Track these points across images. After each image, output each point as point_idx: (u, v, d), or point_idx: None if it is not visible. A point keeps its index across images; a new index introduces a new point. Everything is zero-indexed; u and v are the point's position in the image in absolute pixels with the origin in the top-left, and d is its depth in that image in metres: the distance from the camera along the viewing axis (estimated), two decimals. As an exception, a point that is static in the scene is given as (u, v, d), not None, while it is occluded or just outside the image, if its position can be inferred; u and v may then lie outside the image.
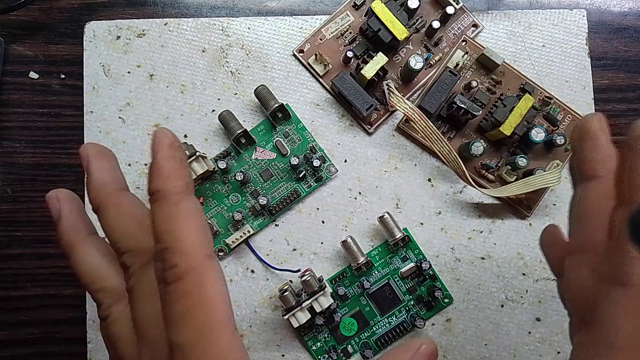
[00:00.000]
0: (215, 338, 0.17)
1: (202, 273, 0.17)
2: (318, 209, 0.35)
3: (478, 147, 0.33)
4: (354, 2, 0.36)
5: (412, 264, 0.34)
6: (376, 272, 0.34)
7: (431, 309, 0.34)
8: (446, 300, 0.34)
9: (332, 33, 0.36)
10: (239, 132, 0.33)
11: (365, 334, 0.34)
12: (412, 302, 0.34)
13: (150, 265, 0.19)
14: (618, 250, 0.19)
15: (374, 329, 0.34)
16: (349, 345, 0.34)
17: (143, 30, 0.36)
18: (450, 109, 0.34)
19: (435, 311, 0.34)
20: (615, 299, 0.19)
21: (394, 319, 0.34)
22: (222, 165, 0.34)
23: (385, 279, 0.34)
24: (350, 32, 0.36)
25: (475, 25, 0.36)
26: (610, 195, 0.20)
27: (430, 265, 0.34)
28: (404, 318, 0.34)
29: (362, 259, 0.33)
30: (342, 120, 0.36)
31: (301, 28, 0.36)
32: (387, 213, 0.33)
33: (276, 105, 0.34)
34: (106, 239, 0.22)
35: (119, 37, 0.36)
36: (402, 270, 0.34)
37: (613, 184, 0.20)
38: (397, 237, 0.33)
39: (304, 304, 0.31)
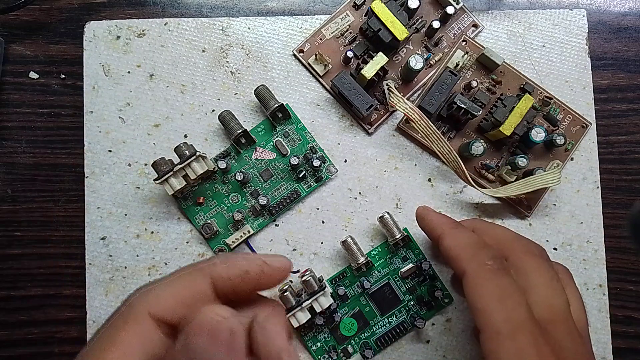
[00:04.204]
0: None
1: None
2: (318, 209, 0.35)
3: (478, 147, 0.33)
4: (354, 2, 0.36)
5: (412, 264, 0.34)
6: (376, 272, 0.34)
7: (431, 309, 0.34)
8: (446, 300, 0.34)
9: (332, 33, 0.36)
10: (239, 132, 0.33)
11: (365, 334, 0.34)
12: (412, 302, 0.34)
13: None
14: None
15: (374, 329, 0.34)
16: (349, 345, 0.34)
17: (143, 30, 0.36)
18: (450, 109, 0.34)
19: (435, 311, 0.34)
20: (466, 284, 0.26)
21: (394, 319, 0.34)
22: (222, 165, 0.34)
23: (385, 279, 0.34)
24: (350, 32, 0.36)
25: (475, 25, 0.36)
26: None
27: (430, 265, 0.34)
28: (404, 318, 0.34)
29: (362, 259, 0.33)
30: (342, 120, 0.36)
31: (301, 28, 0.36)
32: (387, 213, 0.33)
33: (276, 105, 0.34)
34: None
35: (119, 37, 0.36)
36: (402, 270, 0.34)
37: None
38: (397, 237, 0.33)
39: (304, 304, 0.31)
